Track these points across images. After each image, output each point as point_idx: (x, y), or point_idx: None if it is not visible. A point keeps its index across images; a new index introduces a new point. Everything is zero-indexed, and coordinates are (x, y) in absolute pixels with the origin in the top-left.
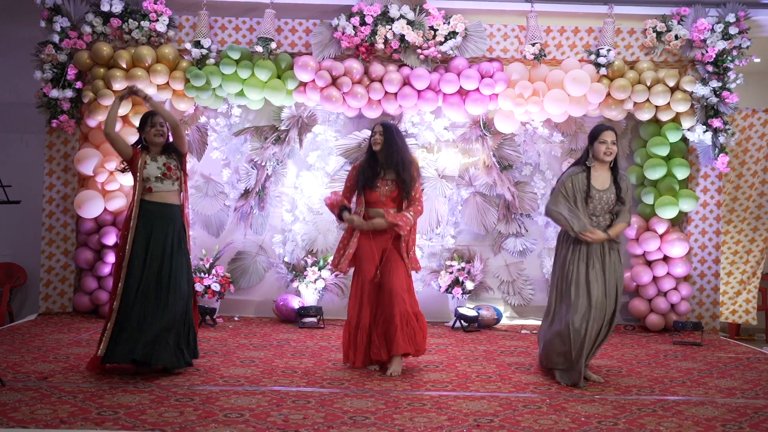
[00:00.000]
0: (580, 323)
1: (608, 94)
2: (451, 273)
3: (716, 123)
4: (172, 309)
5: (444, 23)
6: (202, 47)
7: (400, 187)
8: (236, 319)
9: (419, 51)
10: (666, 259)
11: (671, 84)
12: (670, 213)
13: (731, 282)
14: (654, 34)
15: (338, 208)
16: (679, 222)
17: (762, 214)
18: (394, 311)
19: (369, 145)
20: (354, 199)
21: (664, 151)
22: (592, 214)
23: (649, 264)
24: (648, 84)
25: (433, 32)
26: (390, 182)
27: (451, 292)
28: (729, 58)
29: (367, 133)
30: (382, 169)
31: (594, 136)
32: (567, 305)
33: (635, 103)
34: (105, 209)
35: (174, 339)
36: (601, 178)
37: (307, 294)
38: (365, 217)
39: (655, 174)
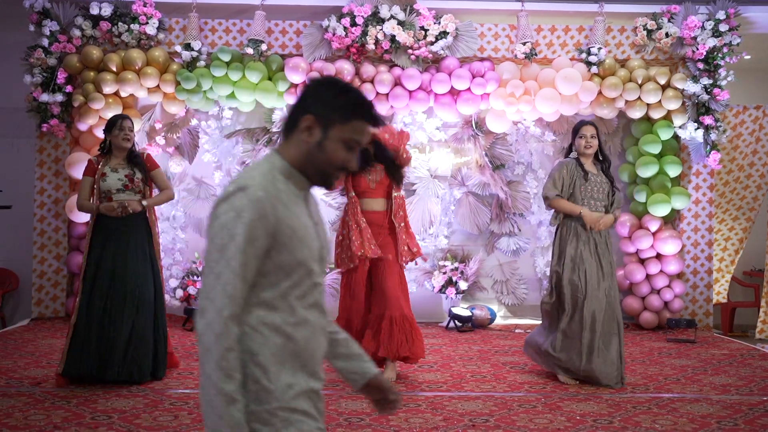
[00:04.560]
0: (598, 315)
1: (599, 93)
2: (444, 273)
3: (707, 120)
4: (138, 321)
5: (435, 23)
6: (193, 50)
7: (389, 173)
8: None
9: (410, 51)
10: (659, 256)
11: (662, 82)
12: (662, 211)
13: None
14: (644, 32)
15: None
16: (672, 219)
17: (743, 204)
18: (386, 314)
19: None
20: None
21: (655, 149)
22: (591, 197)
23: (642, 262)
24: (639, 82)
25: (423, 32)
26: (379, 169)
27: (444, 293)
28: (719, 55)
29: None
30: (371, 158)
31: (575, 131)
32: (580, 304)
33: (626, 101)
34: None
35: (141, 352)
36: (590, 167)
37: None
38: (358, 206)
39: (647, 172)
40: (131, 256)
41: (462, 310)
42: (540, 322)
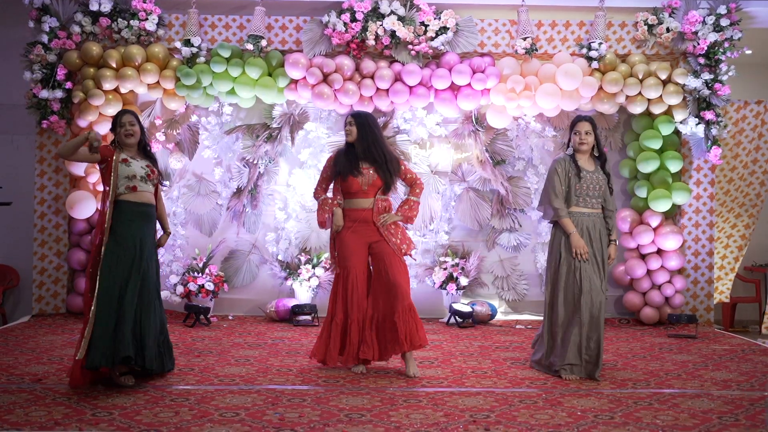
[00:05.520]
0: (599, 313)
1: (600, 88)
2: (445, 269)
3: (708, 115)
4: (160, 312)
5: (435, 19)
6: (192, 46)
7: (381, 175)
8: (230, 318)
9: (410, 47)
10: (660, 252)
11: (663, 77)
12: (663, 206)
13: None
14: (645, 27)
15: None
16: (673, 215)
17: (746, 201)
18: (400, 306)
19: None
20: (331, 188)
21: (656, 144)
22: (586, 194)
23: (643, 257)
24: (640, 77)
25: (424, 28)
26: (371, 171)
27: (445, 288)
28: (720, 50)
29: None
30: (360, 159)
31: (570, 127)
32: (581, 301)
33: (627, 97)
34: (97, 209)
35: (165, 342)
36: (585, 163)
37: (301, 292)
38: (344, 210)
39: (648, 167)
40: (149, 247)
41: (462, 306)
42: (540, 318)
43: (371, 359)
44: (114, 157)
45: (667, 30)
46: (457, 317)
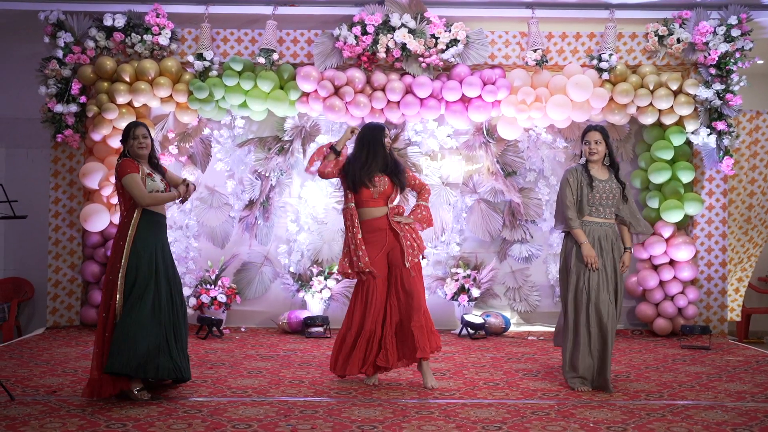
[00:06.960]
0: (607, 323)
1: (611, 99)
2: (456, 280)
3: (720, 126)
4: (185, 320)
5: (445, 31)
6: (205, 59)
7: (392, 183)
8: (243, 330)
9: (421, 59)
10: (672, 263)
11: (674, 87)
12: (675, 217)
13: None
14: (656, 38)
15: (328, 147)
16: (685, 225)
17: (766, 217)
18: (417, 314)
19: (364, 144)
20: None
21: (668, 155)
22: (599, 204)
23: (656, 268)
24: (651, 88)
25: (434, 40)
26: (385, 179)
27: (457, 300)
28: (732, 60)
29: None
30: (374, 170)
31: (581, 137)
32: (588, 311)
33: (638, 108)
34: (111, 222)
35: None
36: (598, 172)
37: (314, 304)
38: (360, 223)
39: (659, 178)
40: (169, 254)
41: (474, 317)
42: (553, 329)
43: (389, 366)
44: (140, 171)
45: (678, 41)
46: (468, 329)
